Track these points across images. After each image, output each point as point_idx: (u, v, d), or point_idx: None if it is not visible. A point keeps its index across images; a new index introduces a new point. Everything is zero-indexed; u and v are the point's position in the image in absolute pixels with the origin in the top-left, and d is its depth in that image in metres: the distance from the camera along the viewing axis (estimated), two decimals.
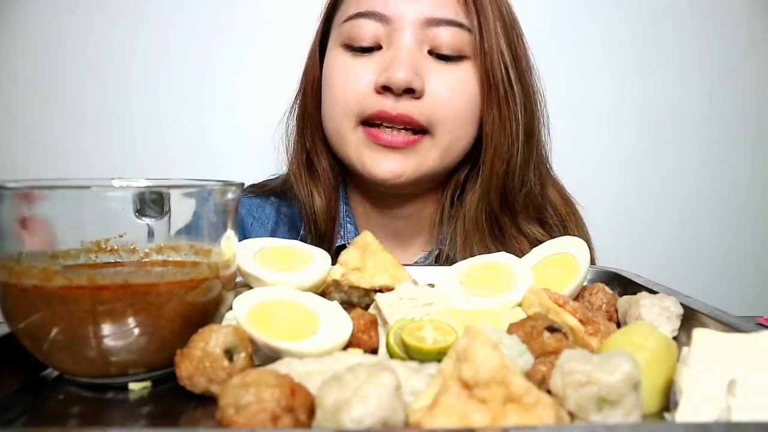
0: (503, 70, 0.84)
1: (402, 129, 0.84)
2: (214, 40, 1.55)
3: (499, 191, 0.88)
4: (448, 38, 0.84)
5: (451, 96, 0.84)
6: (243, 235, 0.97)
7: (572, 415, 0.36)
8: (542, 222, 0.93)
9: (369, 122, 0.85)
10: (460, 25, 0.84)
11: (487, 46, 0.84)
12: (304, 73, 0.96)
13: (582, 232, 0.99)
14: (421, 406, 0.35)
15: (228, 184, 0.49)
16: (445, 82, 0.84)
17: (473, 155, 0.90)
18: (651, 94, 1.71)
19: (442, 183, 0.94)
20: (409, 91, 0.82)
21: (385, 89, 0.82)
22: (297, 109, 0.97)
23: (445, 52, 0.84)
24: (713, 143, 1.75)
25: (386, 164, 0.84)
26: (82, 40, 1.55)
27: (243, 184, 0.52)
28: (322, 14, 0.93)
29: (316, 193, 0.92)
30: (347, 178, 0.97)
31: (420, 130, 0.84)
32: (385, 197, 0.93)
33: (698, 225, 1.75)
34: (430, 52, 0.85)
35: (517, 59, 0.87)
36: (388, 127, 0.84)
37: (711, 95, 1.74)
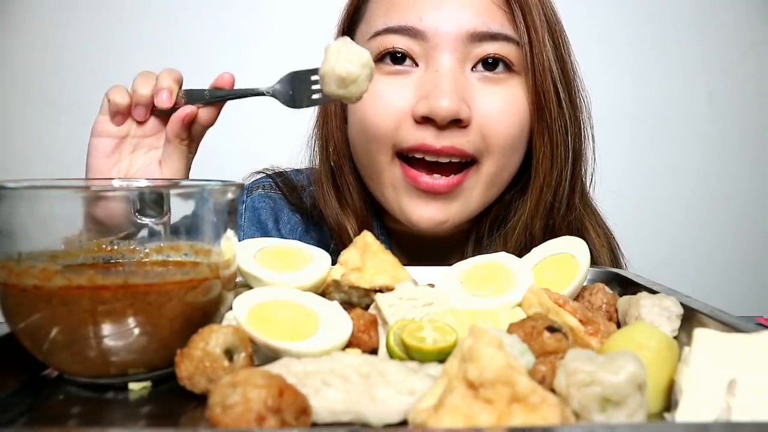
0: (553, 90, 0.76)
1: (446, 161, 0.75)
2: (214, 40, 1.55)
3: (542, 219, 0.81)
4: (494, 54, 0.74)
5: (502, 120, 0.75)
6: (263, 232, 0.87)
7: (576, 415, 0.36)
8: None
9: (406, 154, 0.76)
10: (507, 38, 0.74)
11: (537, 61, 0.74)
12: None
13: (615, 258, 0.91)
14: (427, 406, 0.35)
15: (228, 184, 0.49)
16: (494, 105, 0.74)
17: (517, 182, 0.82)
18: (651, 92, 1.71)
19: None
20: (455, 121, 0.72)
21: (425, 120, 0.72)
22: (318, 135, 0.86)
23: (492, 69, 0.75)
24: (713, 142, 1.75)
25: (427, 211, 0.76)
26: (82, 40, 1.55)
27: (243, 184, 0.52)
28: (341, 23, 0.84)
29: (349, 226, 0.83)
30: None
31: (466, 161, 0.76)
32: None
33: (698, 224, 1.75)
34: (473, 69, 0.75)
35: (566, 75, 0.78)
36: (429, 162, 0.75)
37: (711, 94, 1.74)
